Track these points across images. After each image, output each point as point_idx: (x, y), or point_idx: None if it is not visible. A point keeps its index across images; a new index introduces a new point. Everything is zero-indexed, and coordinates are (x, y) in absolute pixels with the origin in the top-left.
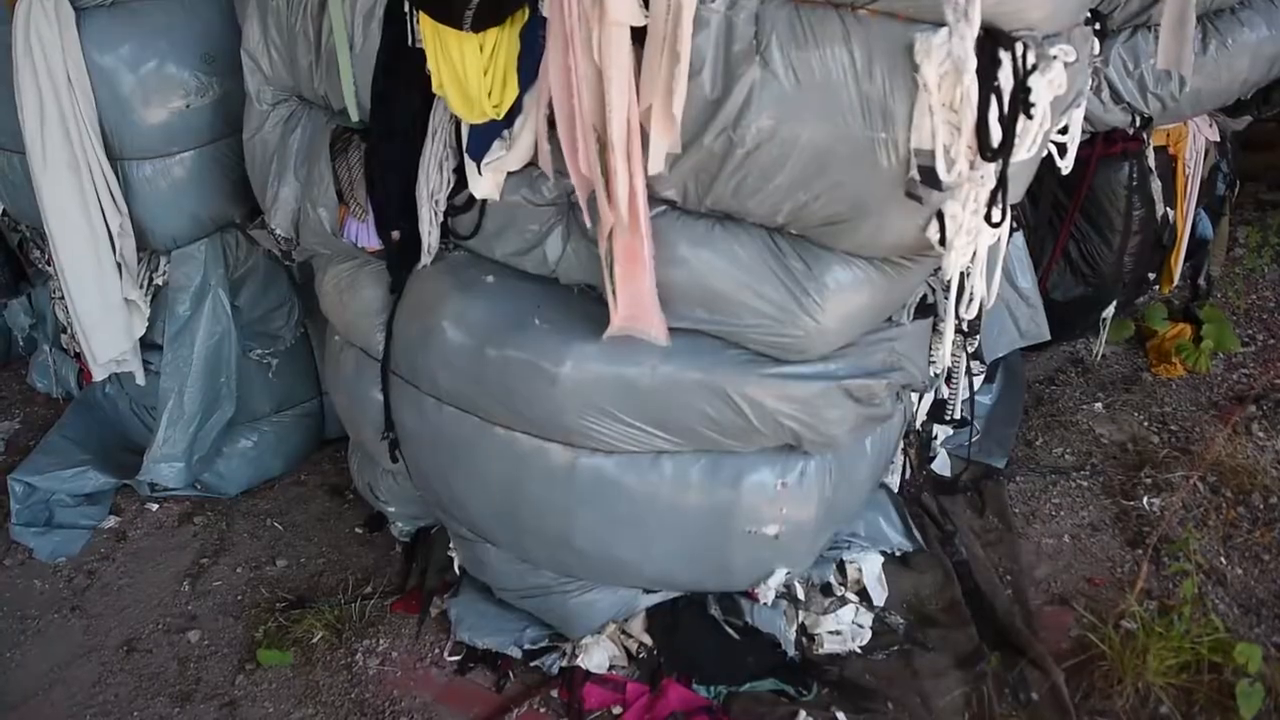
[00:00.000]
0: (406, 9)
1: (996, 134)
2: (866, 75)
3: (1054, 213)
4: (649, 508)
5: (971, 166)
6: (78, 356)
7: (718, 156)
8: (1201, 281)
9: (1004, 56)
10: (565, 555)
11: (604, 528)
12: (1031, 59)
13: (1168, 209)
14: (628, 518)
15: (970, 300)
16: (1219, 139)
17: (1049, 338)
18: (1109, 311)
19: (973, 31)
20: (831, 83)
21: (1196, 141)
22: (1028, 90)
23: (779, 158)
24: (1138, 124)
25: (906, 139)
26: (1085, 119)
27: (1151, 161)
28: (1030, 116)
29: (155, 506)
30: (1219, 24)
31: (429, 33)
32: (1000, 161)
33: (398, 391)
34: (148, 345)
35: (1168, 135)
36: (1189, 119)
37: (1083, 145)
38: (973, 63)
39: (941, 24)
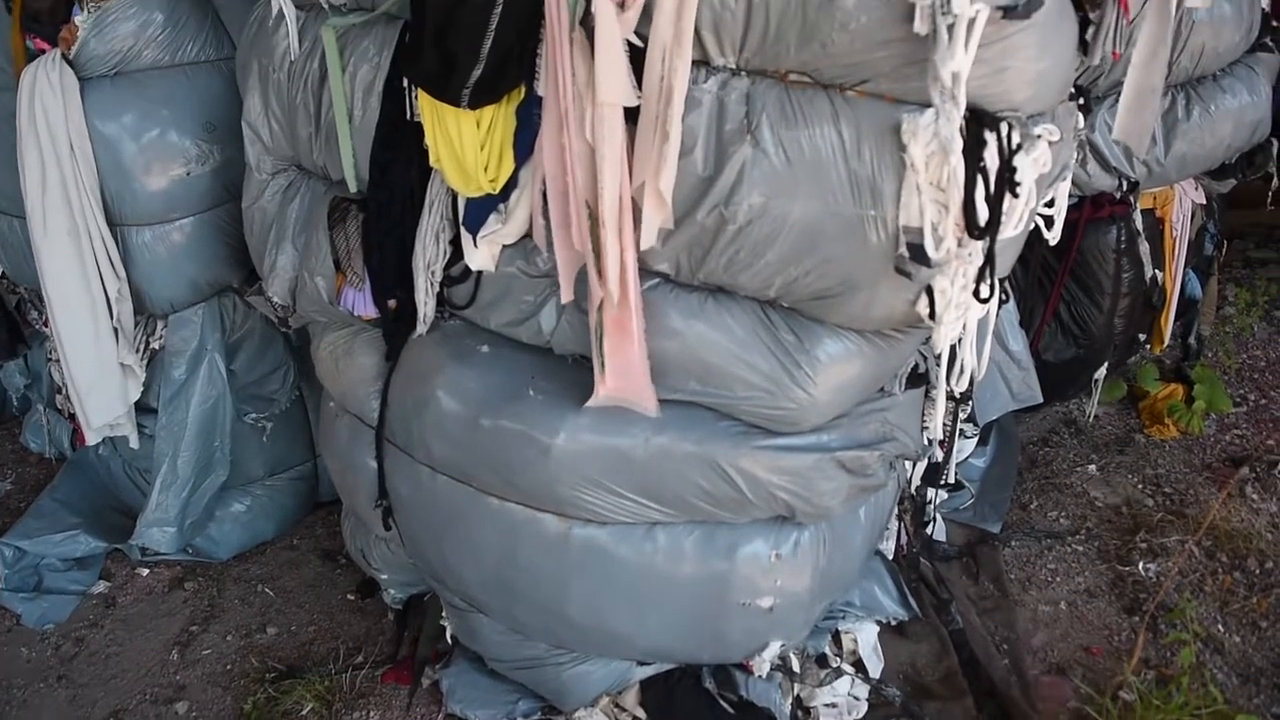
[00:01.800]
0: (405, 85)
1: (983, 213)
2: (855, 154)
3: (1044, 275)
4: (643, 579)
5: (959, 244)
6: (72, 417)
7: (710, 232)
8: (1192, 340)
9: (989, 137)
10: (559, 626)
11: (598, 599)
12: (1016, 139)
13: (1156, 271)
14: (622, 589)
15: (961, 372)
16: (1205, 201)
17: (1041, 400)
18: (1101, 372)
19: (959, 113)
20: (821, 161)
21: (1183, 204)
22: (1013, 170)
23: (770, 234)
24: (1124, 188)
25: (895, 216)
26: (1072, 183)
27: (1139, 224)
28: (1016, 195)
29: (145, 571)
30: (1202, 91)
31: (427, 108)
32: (987, 240)
33: (392, 459)
34: (142, 408)
35: (1154, 198)
36: (1175, 183)
37: (1071, 209)
38: (959, 144)
39: (928, 105)
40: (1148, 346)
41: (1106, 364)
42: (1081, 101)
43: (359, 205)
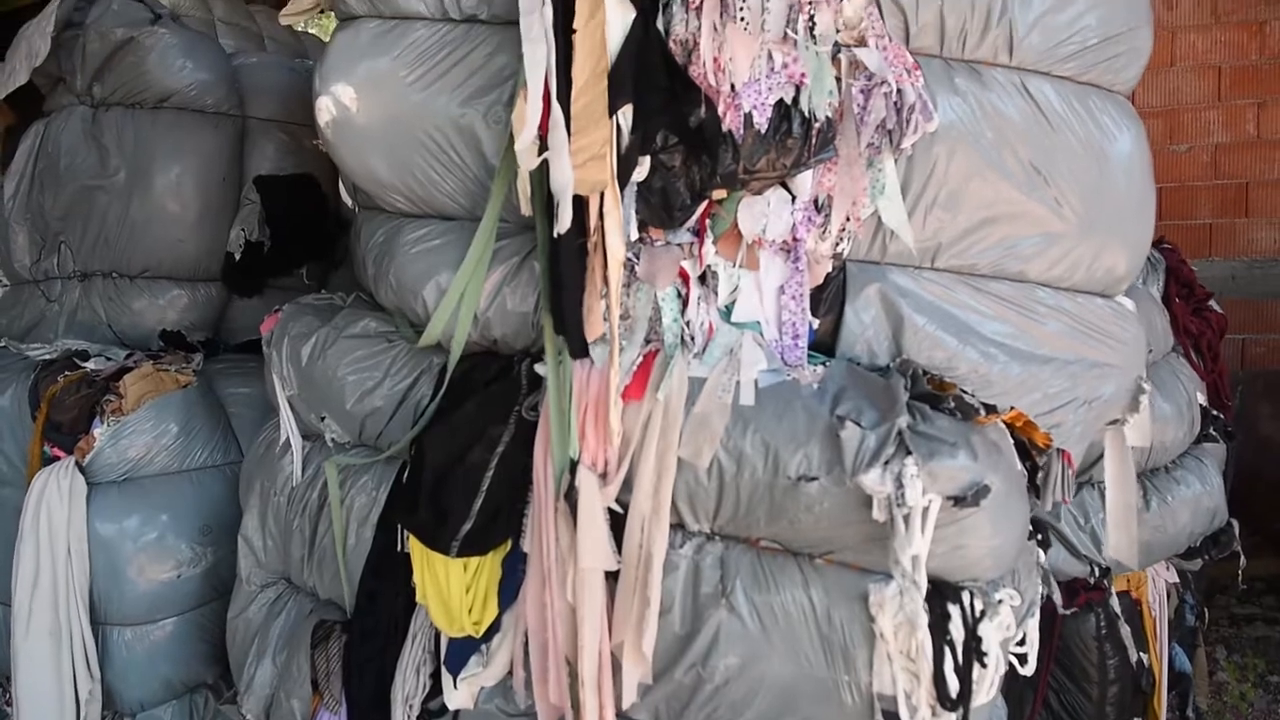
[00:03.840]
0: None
1: (954, 684)
2: (826, 620)
3: None
4: None
5: (934, 713)
6: None
7: (689, 689)
8: (1190, 714)
9: (953, 609)
10: None
11: None
12: (980, 607)
13: (1141, 654)
14: None
15: None
16: (1177, 579)
17: None
18: None
19: (921, 593)
20: (794, 626)
21: (1157, 584)
22: (979, 640)
23: (748, 694)
24: (1096, 574)
25: (869, 682)
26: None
27: (1117, 608)
28: (984, 665)
29: None
30: (1156, 483)
31: (417, 548)
32: (961, 709)
33: None
34: None
35: (1129, 581)
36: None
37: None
38: (924, 619)
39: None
40: None
41: None
42: (1040, 537)
43: (342, 627)
